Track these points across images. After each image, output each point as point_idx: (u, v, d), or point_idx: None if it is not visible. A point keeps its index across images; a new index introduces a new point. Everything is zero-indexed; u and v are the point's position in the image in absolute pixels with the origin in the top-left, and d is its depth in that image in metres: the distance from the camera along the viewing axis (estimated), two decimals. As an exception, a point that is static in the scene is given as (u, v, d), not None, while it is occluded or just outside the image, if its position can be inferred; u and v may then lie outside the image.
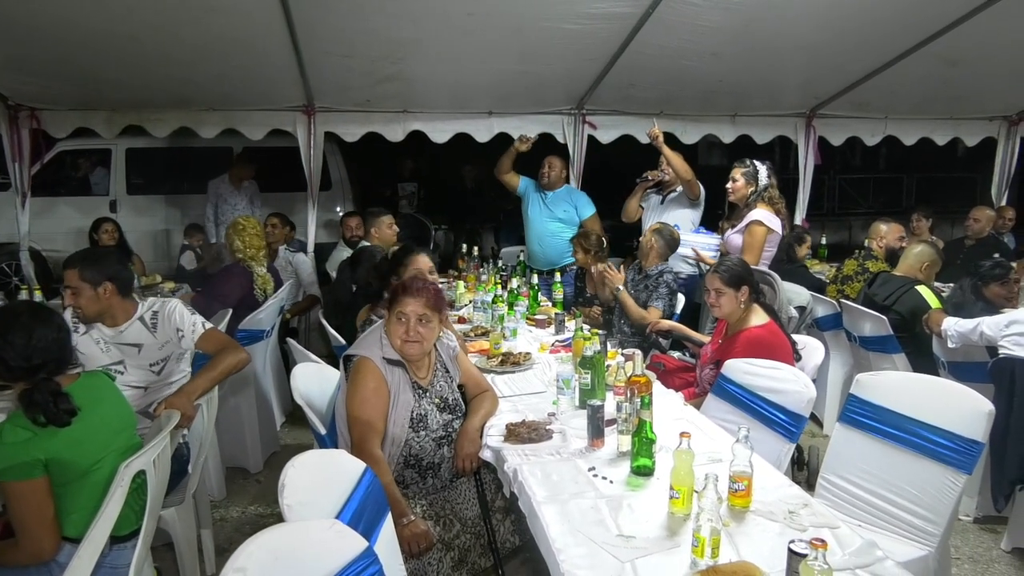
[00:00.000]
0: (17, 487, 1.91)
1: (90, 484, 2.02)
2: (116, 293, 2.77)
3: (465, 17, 4.45)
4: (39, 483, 1.92)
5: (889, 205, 12.39)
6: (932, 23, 4.76)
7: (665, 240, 4.37)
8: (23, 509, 1.93)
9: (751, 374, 2.79)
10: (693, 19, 4.50)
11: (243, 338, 3.79)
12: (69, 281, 2.72)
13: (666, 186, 5.12)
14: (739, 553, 1.73)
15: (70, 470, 1.98)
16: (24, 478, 1.90)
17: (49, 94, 5.47)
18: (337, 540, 1.54)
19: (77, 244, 7.10)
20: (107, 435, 2.13)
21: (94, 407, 2.10)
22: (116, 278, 2.78)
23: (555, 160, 5.45)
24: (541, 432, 2.47)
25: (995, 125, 6.76)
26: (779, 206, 4.42)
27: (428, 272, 3.36)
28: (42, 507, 1.94)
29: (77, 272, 2.71)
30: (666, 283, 4.25)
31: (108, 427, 2.14)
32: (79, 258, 2.77)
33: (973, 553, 3.22)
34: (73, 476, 2.00)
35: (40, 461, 1.92)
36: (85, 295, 2.71)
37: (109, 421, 2.16)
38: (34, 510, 1.93)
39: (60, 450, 1.95)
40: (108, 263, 2.79)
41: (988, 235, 5.98)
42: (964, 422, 2.24)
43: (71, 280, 2.71)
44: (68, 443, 1.98)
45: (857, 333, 4.13)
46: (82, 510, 2.02)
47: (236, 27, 4.46)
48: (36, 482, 1.92)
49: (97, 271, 2.73)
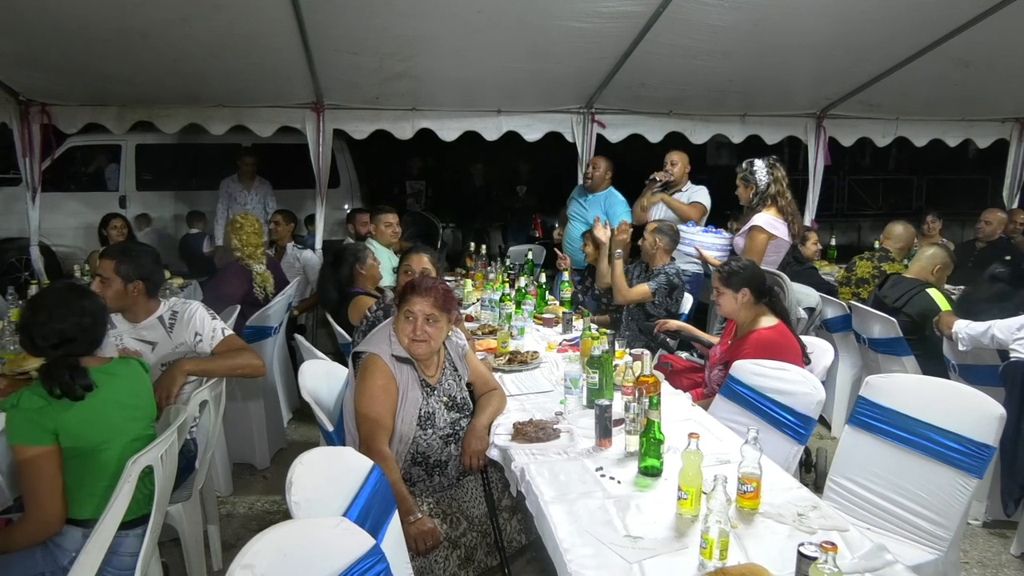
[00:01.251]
0: (28, 452, 1.97)
1: (97, 464, 2.06)
2: (144, 293, 2.79)
3: (474, 15, 4.45)
4: (49, 450, 1.98)
5: (899, 206, 12.32)
6: (944, 24, 4.72)
7: (668, 236, 4.37)
8: (33, 476, 1.98)
9: (760, 375, 2.78)
10: (704, 18, 4.49)
11: (251, 334, 3.80)
12: (103, 271, 2.72)
13: (672, 186, 5.14)
14: (747, 555, 1.73)
15: (77, 445, 2.03)
16: (35, 443, 1.97)
17: (60, 90, 5.51)
18: (345, 538, 1.54)
19: (87, 239, 7.16)
20: (120, 419, 2.16)
21: (112, 389, 2.14)
22: (148, 279, 2.80)
23: (600, 161, 5.40)
24: (548, 431, 2.47)
25: (1007, 127, 6.72)
26: (782, 203, 4.33)
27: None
28: (52, 476, 1.99)
29: (114, 264, 2.71)
30: (666, 273, 4.25)
31: (122, 411, 2.17)
32: (118, 251, 2.79)
33: (982, 557, 3.20)
34: (79, 452, 2.04)
35: (50, 430, 1.98)
36: (114, 288, 2.72)
37: (125, 405, 2.19)
38: (44, 478, 1.98)
39: (69, 423, 2.01)
40: (145, 262, 2.81)
41: (999, 238, 5.92)
42: (975, 426, 2.23)
43: (105, 270, 2.71)
44: (78, 418, 2.02)
45: (866, 335, 4.10)
46: (87, 489, 2.06)
47: (246, 24, 4.47)
48: (46, 449, 1.98)
49: (133, 268, 2.74)
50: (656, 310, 4.28)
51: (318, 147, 5.97)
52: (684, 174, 5.18)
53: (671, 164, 5.12)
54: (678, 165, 5.15)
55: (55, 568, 2.05)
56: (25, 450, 1.97)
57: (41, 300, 2.17)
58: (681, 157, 5.19)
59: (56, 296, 2.17)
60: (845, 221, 12.40)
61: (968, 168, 12.65)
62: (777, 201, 4.31)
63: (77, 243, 7.69)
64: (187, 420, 2.51)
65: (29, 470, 1.98)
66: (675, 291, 4.29)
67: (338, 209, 7.90)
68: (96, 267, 2.78)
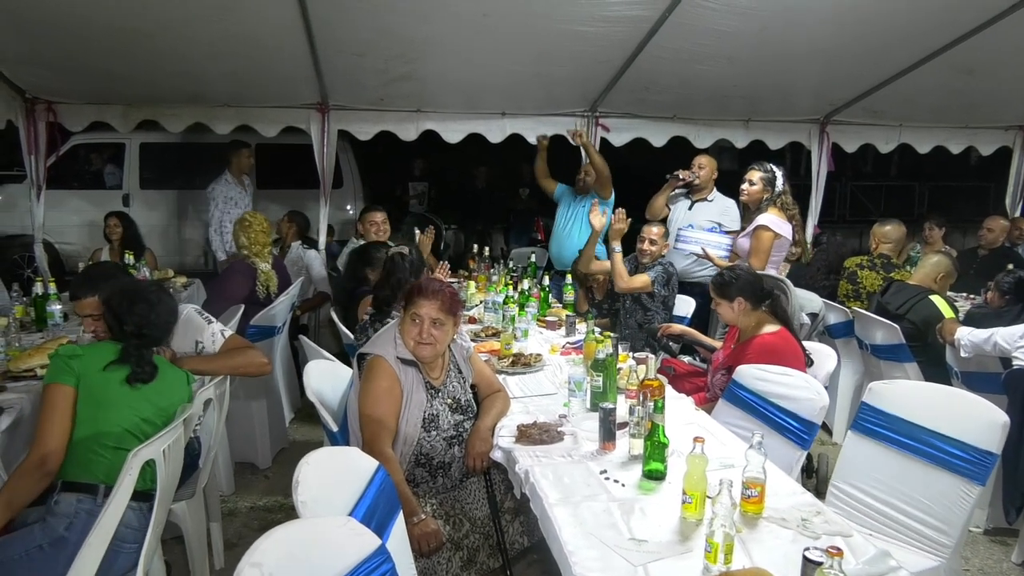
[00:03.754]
0: (51, 389, 2.16)
1: (101, 424, 2.18)
2: None
3: (480, 18, 4.46)
4: (68, 390, 2.16)
5: (901, 213, 12.24)
6: (949, 31, 4.74)
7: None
8: (48, 408, 2.14)
9: (763, 380, 2.78)
10: (709, 23, 4.50)
11: (255, 334, 3.81)
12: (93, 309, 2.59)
13: (696, 190, 4.96)
14: (752, 559, 1.73)
15: (91, 397, 2.18)
16: (58, 381, 2.16)
17: (66, 88, 5.53)
18: (351, 537, 1.54)
19: (90, 237, 7.17)
20: (141, 399, 2.27)
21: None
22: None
23: (591, 168, 5.43)
24: (552, 434, 2.47)
25: (1011, 135, 6.73)
26: (792, 212, 4.36)
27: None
28: (63, 414, 2.14)
29: (96, 299, 2.57)
30: (661, 264, 4.29)
31: (145, 396, 2.28)
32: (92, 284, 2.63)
33: (984, 565, 3.20)
34: (91, 405, 2.17)
35: (75, 375, 2.17)
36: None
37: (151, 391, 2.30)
38: (56, 412, 2.13)
39: (93, 376, 2.19)
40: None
41: (1001, 245, 5.93)
42: (978, 433, 2.23)
43: (93, 307, 2.59)
44: (102, 379, 2.21)
45: (869, 341, 4.11)
46: (85, 447, 2.15)
47: (251, 25, 4.49)
48: (65, 388, 2.16)
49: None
50: (654, 304, 4.28)
51: (323, 147, 5.98)
52: (710, 180, 4.96)
53: (698, 167, 4.92)
54: (705, 169, 4.93)
55: (53, 537, 2.08)
56: (50, 388, 2.16)
57: (143, 293, 2.41)
58: (710, 162, 4.98)
59: (155, 291, 2.45)
60: (847, 227, 12.42)
61: (970, 175, 12.67)
62: (786, 207, 4.29)
63: (81, 241, 7.71)
64: (192, 417, 2.51)
65: (46, 404, 2.15)
66: (671, 281, 4.31)
67: (341, 209, 7.92)
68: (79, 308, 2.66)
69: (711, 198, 4.94)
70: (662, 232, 4.35)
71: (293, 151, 7.02)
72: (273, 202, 7.41)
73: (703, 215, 4.89)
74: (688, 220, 4.91)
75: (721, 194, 4.96)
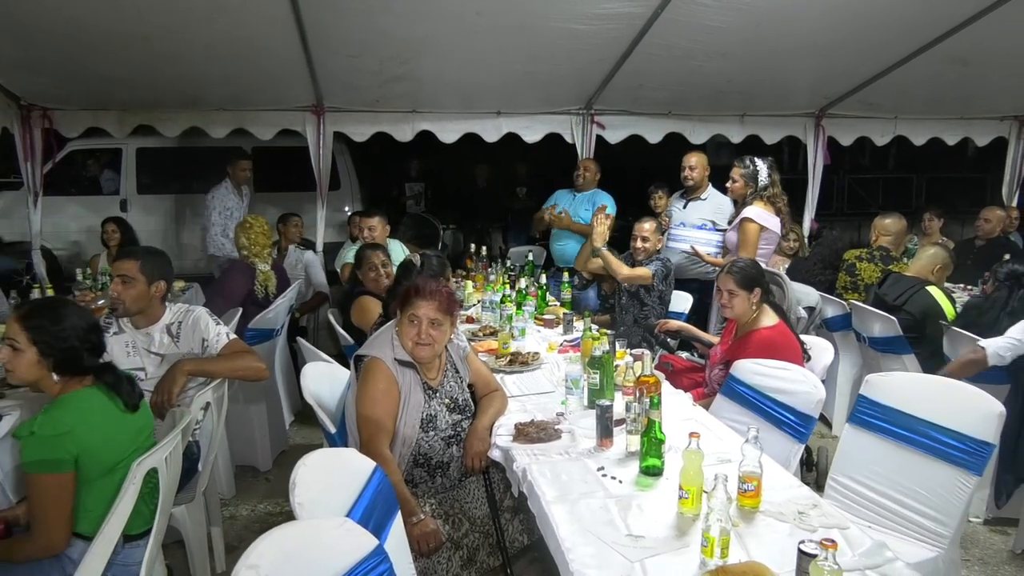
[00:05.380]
0: (44, 479, 1.92)
1: (110, 483, 2.04)
2: (163, 293, 2.83)
3: (474, 17, 4.46)
4: (66, 478, 1.94)
5: (899, 205, 12.29)
6: (942, 23, 4.74)
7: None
8: (45, 502, 1.94)
9: (760, 375, 2.79)
10: (702, 19, 4.50)
11: (253, 336, 3.81)
12: (127, 271, 2.71)
13: (692, 191, 4.94)
14: (749, 553, 1.73)
15: (96, 466, 2.01)
16: (53, 472, 1.92)
17: (61, 94, 5.53)
18: (348, 538, 1.55)
19: (88, 243, 7.17)
20: (133, 434, 2.16)
21: None
22: (169, 281, 2.87)
23: (590, 164, 5.51)
24: (550, 432, 2.48)
25: (1006, 125, 6.72)
26: (779, 204, 4.35)
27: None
28: (63, 501, 1.95)
29: (138, 264, 2.72)
30: (659, 259, 4.30)
31: (135, 426, 2.18)
32: (143, 251, 2.85)
33: (983, 555, 3.20)
34: (97, 473, 2.02)
35: (72, 456, 1.94)
36: (137, 287, 2.72)
37: (136, 421, 2.19)
38: (55, 503, 1.94)
39: (94, 446, 1.99)
40: (167, 264, 2.88)
41: (998, 235, 5.93)
42: (975, 423, 2.24)
43: (128, 270, 2.71)
44: (102, 439, 2.03)
45: (866, 334, 4.11)
46: (98, 507, 2.03)
47: (246, 27, 4.49)
48: (64, 476, 1.93)
49: (156, 268, 2.77)
50: (650, 300, 4.28)
51: (318, 150, 5.98)
52: (704, 177, 4.90)
53: (689, 168, 4.85)
54: (696, 169, 4.85)
55: (61, 574, 2.05)
56: (42, 478, 1.92)
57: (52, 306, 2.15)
58: (699, 159, 4.89)
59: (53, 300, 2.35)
60: (845, 220, 12.40)
61: (967, 166, 12.65)
62: (773, 200, 4.30)
63: (78, 247, 7.71)
64: (190, 423, 2.52)
65: (41, 496, 1.94)
66: (668, 276, 4.32)
67: (338, 211, 7.91)
68: (116, 268, 2.78)
69: (705, 196, 4.92)
70: (654, 228, 4.34)
71: (289, 154, 7.01)
72: (271, 205, 7.40)
73: (696, 213, 4.88)
74: (680, 219, 4.92)
75: (716, 191, 4.93)
